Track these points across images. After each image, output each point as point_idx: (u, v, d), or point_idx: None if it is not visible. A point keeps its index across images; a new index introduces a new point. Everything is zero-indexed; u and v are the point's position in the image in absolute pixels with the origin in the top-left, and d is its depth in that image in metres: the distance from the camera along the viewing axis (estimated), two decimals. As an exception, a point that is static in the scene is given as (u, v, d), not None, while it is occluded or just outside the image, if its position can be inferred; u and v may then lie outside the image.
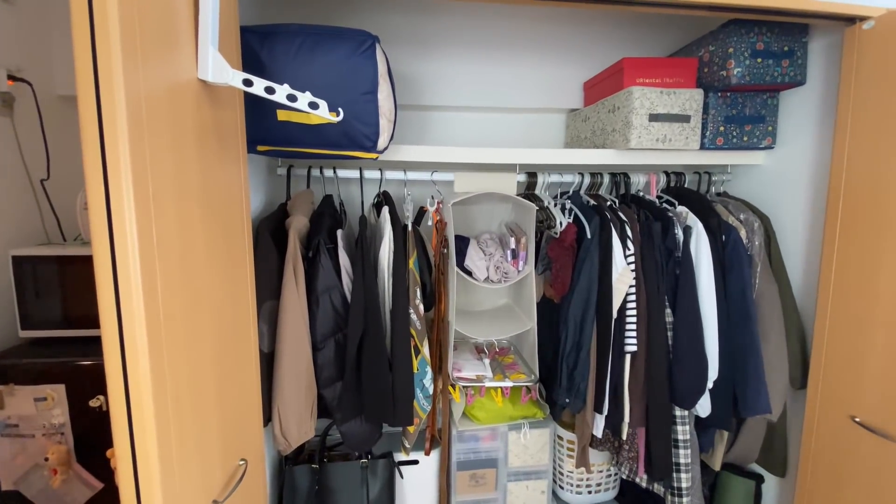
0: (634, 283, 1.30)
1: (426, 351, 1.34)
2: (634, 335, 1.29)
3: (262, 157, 1.37)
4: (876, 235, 1.08)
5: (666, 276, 1.32)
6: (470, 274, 1.46)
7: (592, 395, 1.34)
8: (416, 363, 1.31)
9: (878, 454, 1.09)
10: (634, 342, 1.29)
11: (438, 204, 1.46)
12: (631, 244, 1.31)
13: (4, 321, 1.25)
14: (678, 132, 1.39)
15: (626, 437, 1.34)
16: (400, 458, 1.52)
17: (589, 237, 1.33)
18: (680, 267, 1.31)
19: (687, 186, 1.55)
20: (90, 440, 1.19)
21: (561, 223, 1.40)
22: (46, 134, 1.37)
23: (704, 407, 1.30)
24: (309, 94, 0.85)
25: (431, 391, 1.37)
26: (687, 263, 1.30)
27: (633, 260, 1.30)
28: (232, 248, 0.91)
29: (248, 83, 0.81)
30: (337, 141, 1.17)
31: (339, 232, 1.30)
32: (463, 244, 1.53)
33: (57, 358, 1.17)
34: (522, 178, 1.50)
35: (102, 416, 1.16)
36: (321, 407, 1.28)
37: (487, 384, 1.44)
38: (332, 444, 1.52)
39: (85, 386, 1.16)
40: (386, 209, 1.33)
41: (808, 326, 1.36)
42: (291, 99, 0.84)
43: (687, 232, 1.33)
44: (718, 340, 1.28)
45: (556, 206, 1.46)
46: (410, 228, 1.35)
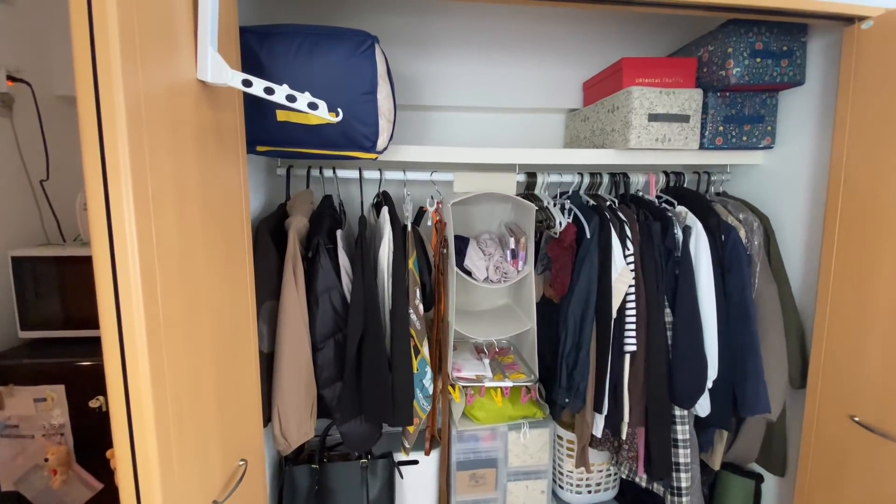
0: (634, 282, 1.30)
1: (426, 351, 1.34)
2: (634, 335, 1.29)
3: (261, 157, 1.37)
4: (875, 235, 1.09)
5: (665, 275, 1.32)
6: (469, 274, 1.46)
7: (592, 394, 1.34)
8: (415, 363, 1.31)
9: (877, 453, 1.09)
10: (634, 342, 1.29)
11: (438, 204, 1.46)
12: (630, 244, 1.31)
13: (4, 322, 1.25)
14: (677, 132, 1.39)
15: (625, 436, 1.34)
16: (400, 458, 1.52)
17: (588, 237, 1.33)
18: (679, 267, 1.31)
19: (686, 186, 1.55)
20: (90, 441, 1.19)
21: (560, 223, 1.40)
22: (46, 135, 1.37)
23: (704, 406, 1.30)
24: (308, 94, 0.85)
25: (431, 391, 1.37)
26: (686, 263, 1.30)
27: (632, 260, 1.30)
28: (231, 248, 0.91)
29: (247, 84, 0.81)
30: (336, 141, 1.17)
31: (338, 232, 1.30)
32: (462, 244, 1.53)
33: (57, 358, 1.17)
34: (522, 178, 1.50)
35: (102, 416, 1.16)
36: (321, 407, 1.28)
37: (487, 384, 1.44)
38: (331, 444, 1.52)
39: (85, 386, 1.16)
40: (385, 209, 1.33)
41: (807, 326, 1.37)
42: (291, 99, 0.84)
43: (686, 232, 1.33)
44: (718, 340, 1.28)
45: (555, 205, 1.46)
46: (410, 228, 1.35)
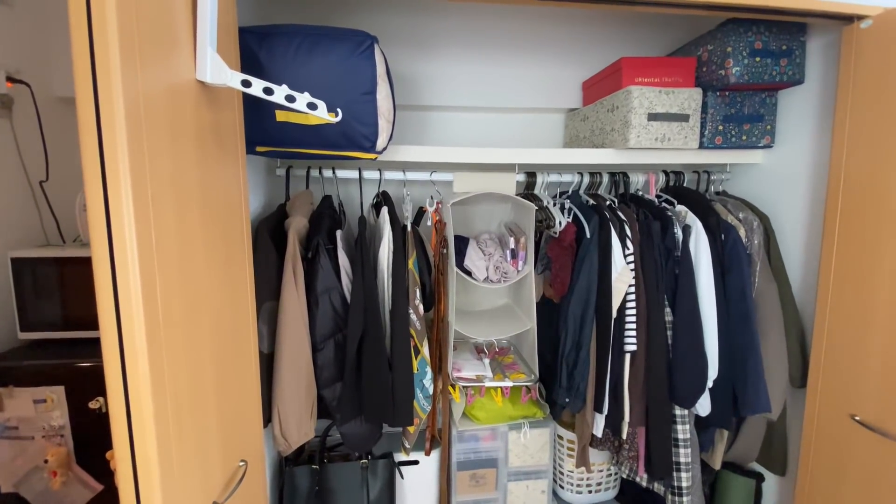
0: (634, 282, 1.30)
1: (426, 351, 1.34)
2: (634, 334, 1.29)
3: (261, 157, 1.37)
4: (875, 233, 1.09)
5: (665, 275, 1.32)
6: (469, 274, 1.46)
7: (592, 394, 1.34)
8: (415, 363, 1.31)
9: (877, 452, 1.09)
10: (634, 341, 1.29)
11: (438, 204, 1.46)
12: (630, 243, 1.31)
13: (4, 323, 1.25)
14: (677, 131, 1.39)
15: (626, 436, 1.34)
16: (400, 458, 1.52)
17: (588, 237, 1.33)
18: (679, 266, 1.31)
19: (686, 186, 1.55)
20: (90, 442, 1.18)
21: (560, 223, 1.40)
22: (45, 136, 1.36)
23: (704, 406, 1.30)
24: (307, 94, 0.85)
25: (431, 391, 1.37)
26: (686, 263, 1.30)
27: (632, 259, 1.30)
28: (231, 248, 0.91)
29: (246, 84, 0.81)
30: (336, 141, 1.17)
31: (338, 232, 1.30)
32: (462, 244, 1.53)
33: (56, 360, 1.17)
34: (521, 177, 1.50)
35: (102, 417, 1.16)
36: (321, 407, 1.28)
37: (487, 384, 1.44)
38: (332, 444, 1.52)
39: (84, 387, 1.16)
40: (385, 209, 1.33)
41: (807, 325, 1.36)
42: (290, 100, 0.84)
43: (686, 231, 1.33)
44: (718, 339, 1.28)
45: (555, 205, 1.46)
46: (410, 229, 1.35)
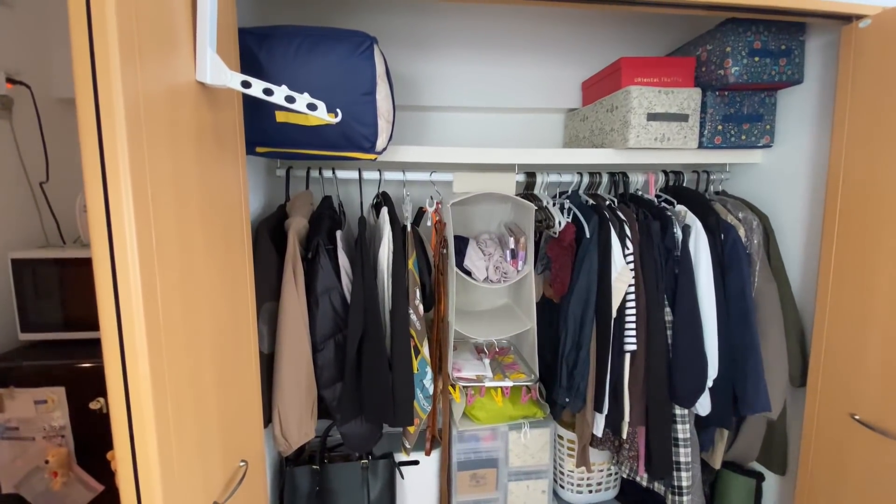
0: (633, 282, 1.30)
1: (426, 351, 1.34)
2: (634, 334, 1.29)
3: (261, 158, 1.37)
4: (874, 233, 1.09)
5: (665, 274, 1.33)
6: (469, 274, 1.46)
7: (592, 394, 1.34)
8: (415, 363, 1.31)
9: (877, 451, 1.09)
10: (634, 341, 1.29)
11: (437, 204, 1.46)
12: (630, 243, 1.31)
13: (4, 324, 1.25)
14: (676, 131, 1.39)
15: (626, 436, 1.34)
16: (400, 458, 1.52)
17: (588, 236, 1.33)
18: (679, 266, 1.31)
19: (685, 185, 1.55)
20: (91, 442, 1.19)
21: (560, 223, 1.40)
22: (45, 137, 1.37)
23: (704, 405, 1.30)
24: (307, 95, 0.85)
25: (431, 391, 1.37)
26: (686, 262, 1.30)
27: (632, 259, 1.30)
28: (231, 249, 0.91)
29: (246, 85, 0.81)
30: (335, 142, 1.17)
31: (338, 233, 1.30)
32: (462, 244, 1.53)
33: (57, 360, 1.17)
34: (521, 177, 1.50)
35: (103, 418, 1.16)
36: (321, 408, 1.28)
37: (487, 384, 1.44)
38: (332, 444, 1.52)
39: (85, 388, 1.16)
40: (385, 210, 1.33)
41: (807, 324, 1.37)
42: (290, 100, 0.84)
43: (686, 231, 1.33)
44: (718, 339, 1.28)
45: (554, 205, 1.46)
46: (409, 229, 1.35)
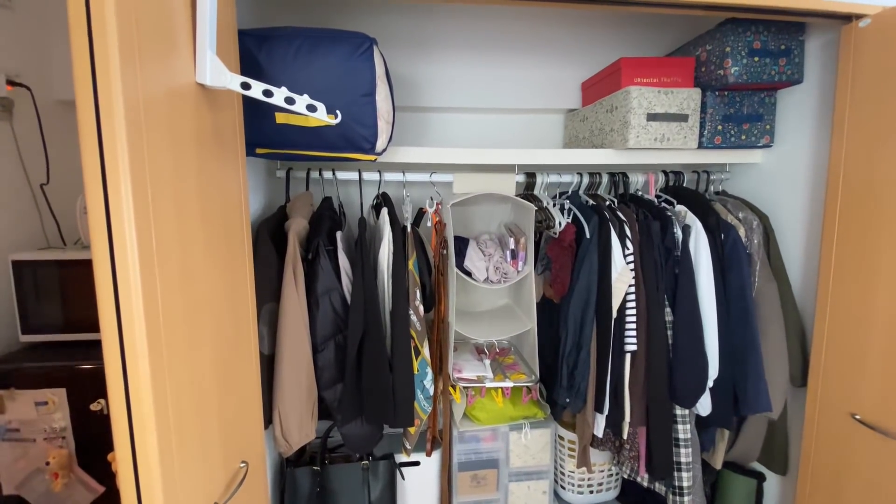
0: (634, 282, 1.30)
1: (426, 352, 1.34)
2: (634, 334, 1.29)
3: (261, 159, 1.37)
4: (874, 232, 1.09)
5: (665, 275, 1.32)
6: (469, 275, 1.46)
7: (593, 394, 1.34)
8: (416, 364, 1.31)
9: (878, 451, 1.09)
10: (634, 341, 1.29)
11: (437, 205, 1.46)
12: (630, 243, 1.31)
13: (5, 325, 1.25)
14: (676, 131, 1.39)
15: (626, 436, 1.34)
16: (401, 459, 1.52)
17: (588, 237, 1.33)
18: (679, 266, 1.31)
19: (685, 185, 1.55)
20: (91, 444, 1.19)
21: (560, 223, 1.40)
22: (46, 139, 1.37)
23: (705, 406, 1.30)
24: (307, 96, 0.85)
25: (432, 392, 1.37)
26: (686, 262, 1.30)
27: (632, 259, 1.30)
28: (231, 250, 0.91)
29: (246, 86, 0.81)
30: (335, 143, 1.17)
31: (338, 234, 1.30)
32: (462, 245, 1.53)
33: (58, 362, 1.17)
34: (521, 178, 1.50)
35: (103, 419, 1.16)
36: (322, 409, 1.28)
37: (488, 385, 1.45)
38: (333, 445, 1.52)
39: (86, 390, 1.16)
40: (385, 211, 1.33)
41: (807, 324, 1.36)
42: (289, 102, 0.84)
43: (686, 231, 1.33)
44: (718, 339, 1.28)
45: (554, 206, 1.46)
46: (410, 230, 1.35)
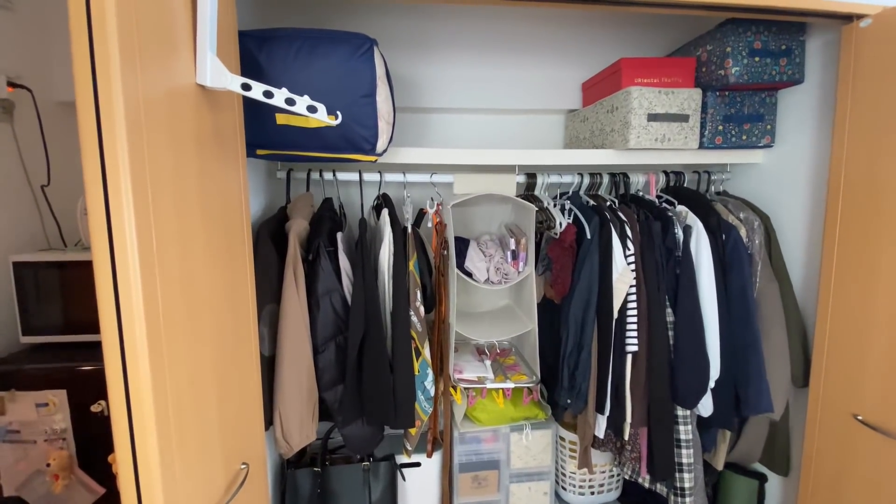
0: (635, 282, 1.29)
1: (427, 353, 1.34)
2: (635, 335, 1.29)
3: (261, 160, 1.37)
4: (876, 232, 1.08)
5: (666, 275, 1.32)
6: (470, 275, 1.46)
7: (594, 395, 1.33)
8: (416, 365, 1.31)
9: (880, 452, 1.09)
10: (635, 342, 1.29)
11: (438, 206, 1.46)
12: (631, 244, 1.31)
13: (5, 327, 1.25)
14: (677, 132, 1.39)
15: (628, 437, 1.33)
16: (402, 460, 1.52)
17: (589, 237, 1.33)
18: (680, 266, 1.31)
19: (686, 186, 1.55)
20: (92, 445, 1.19)
21: (560, 224, 1.40)
22: (46, 140, 1.37)
23: (706, 406, 1.29)
24: (307, 97, 0.85)
25: (433, 393, 1.37)
26: (687, 263, 1.30)
27: (633, 260, 1.30)
28: (232, 251, 0.91)
29: (246, 87, 0.81)
30: (336, 144, 1.17)
31: (338, 235, 1.30)
32: (463, 246, 1.53)
33: (58, 363, 1.17)
34: (522, 179, 1.50)
35: (104, 421, 1.16)
36: (322, 410, 1.28)
37: (489, 385, 1.44)
38: (333, 447, 1.52)
39: (86, 391, 1.16)
40: (385, 211, 1.33)
41: (809, 324, 1.36)
42: (290, 103, 0.84)
43: (687, 231, 1.33)
44: (720, 339, 1.28)
45: (555, 206, 1.46)
46: (410, 230, 1.35)
